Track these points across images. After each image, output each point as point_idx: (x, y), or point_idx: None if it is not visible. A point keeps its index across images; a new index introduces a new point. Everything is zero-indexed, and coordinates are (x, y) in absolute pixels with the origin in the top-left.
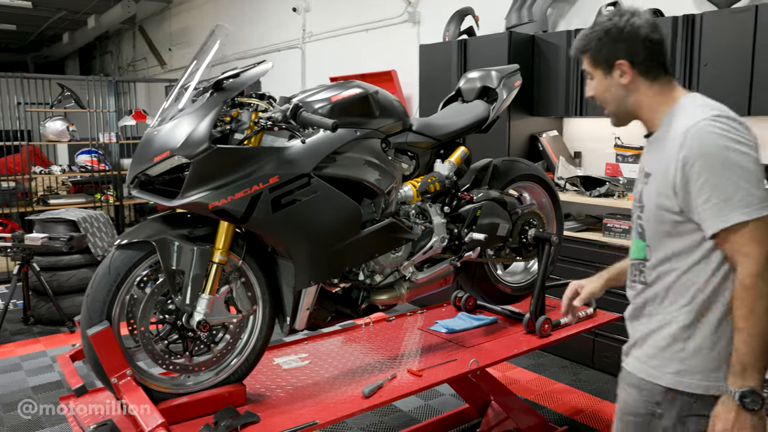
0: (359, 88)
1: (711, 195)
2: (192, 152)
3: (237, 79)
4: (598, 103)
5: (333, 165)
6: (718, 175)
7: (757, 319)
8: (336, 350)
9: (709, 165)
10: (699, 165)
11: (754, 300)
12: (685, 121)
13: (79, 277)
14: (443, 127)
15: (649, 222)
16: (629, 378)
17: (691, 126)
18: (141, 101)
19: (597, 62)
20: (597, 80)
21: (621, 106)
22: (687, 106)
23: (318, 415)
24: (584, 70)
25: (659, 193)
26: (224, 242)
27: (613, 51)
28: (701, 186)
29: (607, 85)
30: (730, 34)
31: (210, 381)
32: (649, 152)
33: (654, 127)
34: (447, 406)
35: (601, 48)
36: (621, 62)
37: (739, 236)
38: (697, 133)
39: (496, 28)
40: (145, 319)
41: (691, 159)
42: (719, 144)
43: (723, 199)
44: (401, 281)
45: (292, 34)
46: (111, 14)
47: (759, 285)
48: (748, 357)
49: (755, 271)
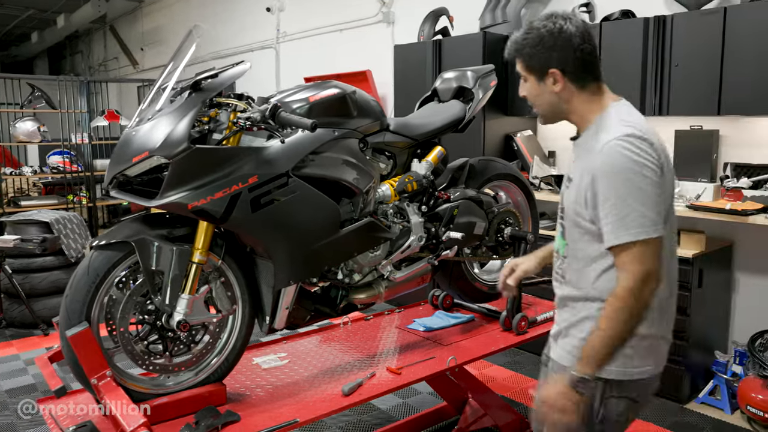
0: (337, 89)
1: (610, 212)
2: (171, 152)
3: (215, 79)
4: (529, 104)
5: (311, 165)
6: (618, 195)
7: (614, 326)
8: (315, 349)
9: (612, 184)
10: (604, 182)
11: (619, 310)
12: (604, 135)
13: (52, 280)
14: (420, 126)
15: (568, 223)
16: (557, 367)
17: (606, 143)
18: (113, 101)
19: (530, 68)
20: (530, 84)
21: (552, 110)
22: (610, 119)
23: (298, 413)
24: (520, 73)
25: (576, 201)
26: (203, 242)
27: (545, 59)
28: (603, 202)
29: (540, 91)
30: (700, 36)
31: (190, 381)
32: (575, 157)
33: (581, 131)
34: (425, 404)
35: (533, 55)
36: (553, 71)
37: (626, 254)
38: (608, 152)
39: (470, 28)
40: (124, 319)
41: (599, 175)
42: (624, 165)
43: (619, 218)
44: (379, 280)
45: (266, 34)
46: (81, 13)
47: (628, 300)
48: (595, 352)
49: (630, 286)
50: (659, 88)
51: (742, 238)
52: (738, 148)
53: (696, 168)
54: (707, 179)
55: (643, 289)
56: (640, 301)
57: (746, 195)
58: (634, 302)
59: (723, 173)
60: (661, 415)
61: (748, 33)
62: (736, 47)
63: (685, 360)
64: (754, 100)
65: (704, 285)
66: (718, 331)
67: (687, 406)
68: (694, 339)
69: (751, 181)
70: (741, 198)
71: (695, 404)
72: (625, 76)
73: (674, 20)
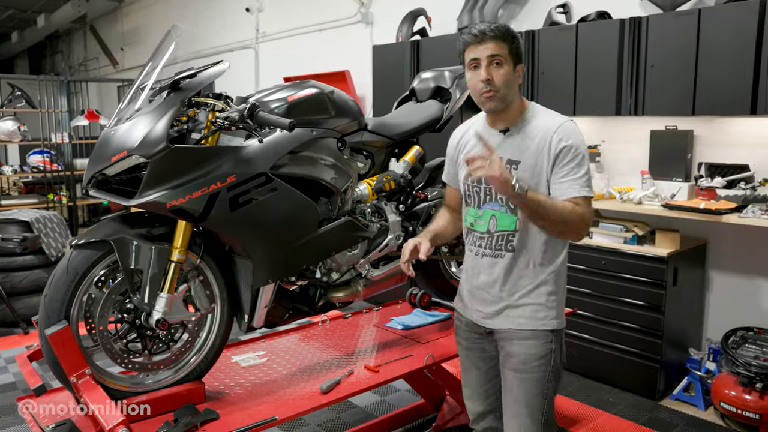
0: (315, 88)
1: (571, 172)
2: (149, 152)
3: (194, 79)
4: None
5: (290, 164)
6: (579, 162)
7: (562, 214)
8: (293, 347)
9: (575, 153)
10: (570, 152)
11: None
12: (549, 120)
13: (33, 279)
14: (398, 126)
15: None
16: (520, 334)
17: (560, 125)
18: (93, 101)
19: (512, 55)
20: (507, 69)
21: (509, 98)
22: (541, 111)
23: (277, 411)
24: (494, 54)
25: (533, 174)
26: (182, 241)
27: (521, 54)
28: (567, 164)
29: (512, 78)
30: (675, 37)
31: (169, 379)
32: (508, 144)
33: (512, 124)
34: (403, 401)
35: (518, 46)
36: (521, 66)
37: (582, 199)
38: (567, 130)
39: (448, 28)
40: (103, 318)
41: (565, 146)
42: (581, 139)
43: (581, 177)
44: (357, 279)
45: (245, 34)
46: (61, 13)
47: (579, 218)
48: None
49: (583, 213)
50: (635, 89)
51: (716, 237)
52: (712, 148)
53: (671, 167)
54: (682, 179)
55: (587, 224)
56: (580, 226)
57: (720, 194)
58: (579, 221)
59: (697, 173)
60: (635, 412)
61: (722, 34)
62: (711, 48)
63: (660, 357)
64: (728, 100)
65: (679, 283)
66: (693, 328)
67: (661, 403)
68: (669, 336)
69: (725, 181)
70: (715, 197)
71: (669, 401)
72: (601, 77)
73: (649, 21)
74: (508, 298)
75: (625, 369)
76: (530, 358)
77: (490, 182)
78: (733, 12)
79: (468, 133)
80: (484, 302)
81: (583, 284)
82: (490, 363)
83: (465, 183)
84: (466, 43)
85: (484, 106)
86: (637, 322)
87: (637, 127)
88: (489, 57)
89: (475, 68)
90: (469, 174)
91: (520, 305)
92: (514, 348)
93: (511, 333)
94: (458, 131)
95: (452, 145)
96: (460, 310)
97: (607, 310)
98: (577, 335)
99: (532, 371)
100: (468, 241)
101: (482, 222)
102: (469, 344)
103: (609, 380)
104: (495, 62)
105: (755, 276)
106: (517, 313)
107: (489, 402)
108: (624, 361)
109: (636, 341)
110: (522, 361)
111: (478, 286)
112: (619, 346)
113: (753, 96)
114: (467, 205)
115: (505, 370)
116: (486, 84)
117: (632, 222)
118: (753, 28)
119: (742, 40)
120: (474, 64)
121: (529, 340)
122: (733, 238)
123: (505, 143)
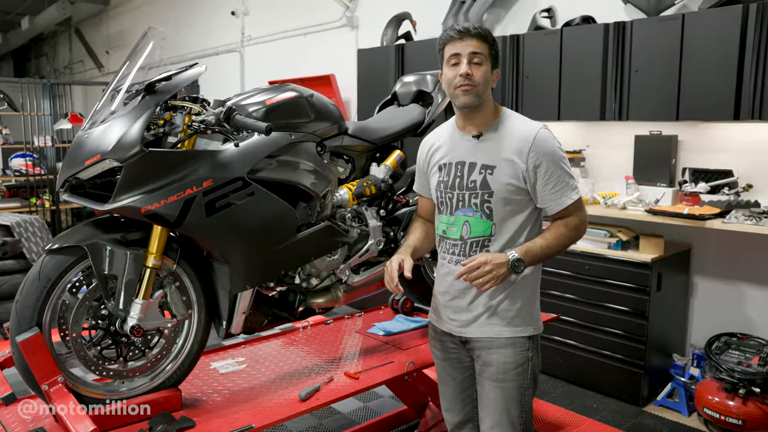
0: (294, 92)
1: (558, 182)
2: (123, 156)
3: (169, 81)
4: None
5: (268, 168)
6: (562, 169)
7: (558, 244)
8: (274, 354)
9: (555, 162)
10: (549, 161)
11: (565, 237)
12: (523, 126)
13: (13, 283)
14: (379, 130)
15: (498, 204)
16: (496, 342)
17: (534, 132)
18: (78, 104)
19: (491, 56)
20: (486, 68)
21: (483, 98)
22: (513, 116)
23: (254, 419)
24: (476, 52)
25: (508, 181)
26: (158, 246)
27: (498, 58)
28: (551, 176)
29: (489, 78)
30: (659, 42)
31: (144, 386)
32: (482, 149)
33: (484, 128)
34: (386, 407)
35: (497, 49)
36: (498, 71)
37: (573, 206)
38: (541, 138)
39: (433, 32)
40: (77, 324)
41: (543, 157)
42: (557, 147)
43: (566, 184)
44: (338, 284)
45: (231, 38)
46: (46, 15)
47: (573, 232)
48: (535, 250)
49: (577, 224)
50: (619, 94)
51: (700, 243)
52: (696, 153)
53: (655, 173)
54: (666, 184)
55: (583, 226)
56: (579, 235)
57: (704, 200)
58: (576, 235)
59: (681, 178)
60: (619, 418)
61: (706, 40)
62: (694, 54)
63: (644, 363)
64: (711, 106)
65: (663, 289)
66: (677, 334)
67: (645, 409)
68: (653, 342)
69: (709, 186)
70: (699, 203)
71: (653, 407)
72: (586, 81)
73: (633, 26)
74: (484, 306)
75: (609, 375)
76: (508, 367)
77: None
78: (716, 18)
79: (438, 141)
80: (459, 311)
81: (567, 290)
82: (465, 373)
83: (437, 190)
84: (448, 39)
85: (458, 100)
86: (621, 327)
87: (621, 132)
88: (471, 54)
89: (454, 65)
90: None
91: (496, 312)
92: (491, 357)
93: (487, 342)
94: (428, 140)
95: (422, 154)
96: (434, 322)
97: (591, 316)
98: (561, 341)
99: (510, 380)
100: (441, 249)
101: (455, 229)
102: (445, 355)
103: (593, 386)
104: (475, 60)
105: (739, 281)
106: (493, 320)
107: (466, 411)
108: (608, 366)
109: (620, 347)
110: (500, 371)
111: (452, 294)
112: (603, 351)
113: (736, 101)
114: (440, 212)
115: (482, 379)
116: (465, 78)
117: (616, 227)
118: (736, 34)
119: (726, 46)
120: (454, 60)
121: (506, 348)
122: (716, 244)
123: (478, 148)
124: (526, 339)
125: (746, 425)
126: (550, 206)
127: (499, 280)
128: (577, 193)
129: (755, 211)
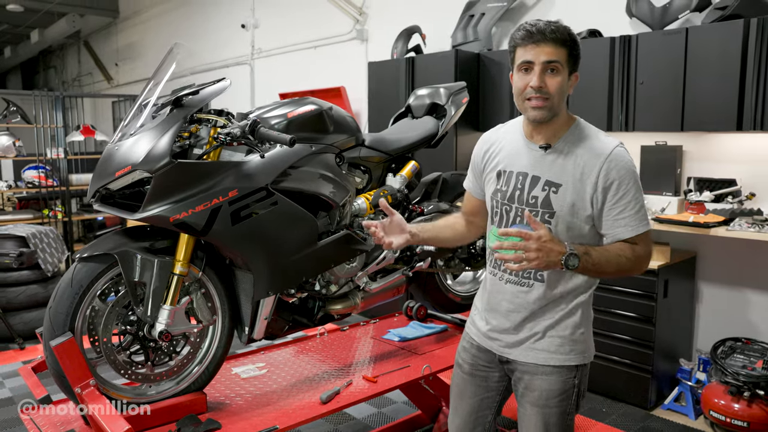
0: (314, 105)
1: (627, 208)
2: (153, 167)
3: (196, 95)
4: (543, 93)
5: (290, 179)
6: (634, 195)
7: (617, 263)
8: (292, 359)
9: (629, 186)
10: (623, 184)
11: (627, 260)
12: (597, 142)
13: (29, 294)
14: (394, 142)
15: (559, 226)
16: (542, 369)
17: (609, 149)
18: (88, 116)
19: (569, 61)
20: (562, 77)
21: (558, 107)
22: (587, 128)
23: (277, 420)
24: (551, 60)
25: (574, 202)
26: (185, 254)
27: (579, 60)
28: (620, 200)
29: (566, 86)
30: (663, 55)
31: (171, 390)
32: (549, 163)
33: (553, 140)
34: (400, 413)
35: (578, 51)
36: (577, 74)
37: (640, 237)
38: (616, 156)
39: (442, 46)
40: (107, 330)
41: (616, 178)
42: (633, 170)
43: (637, 212)
44: (355, 291)
45: (241, 50)
46: (55, 29)
47: (636, 261)
48: (594, 256)
49: (642, 255)
50: (625, 105)
51: (705, 250)
52: (701, 163)
53: (661, 182)
54: (672, 193)
55: (647, 261)
56: (640, 267)
57: (708, 208)
58: (637, 266)
59: (687, 187)
60: (628, 422)
61: (709, 53)
62: (698, 66)
63: (652, 368)
64: (715, 117)
65: (669, 295)
66: (683, 339)
67: (653, 413)
68: (660, 347)
69: (713, 195)
70: (704, 211)
71: (661, 410)
72: (593, 93)
73: (639, 40)
74: (531, 330)
75: (618, 380)
76: (552, 394)
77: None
78: (718, 32)
79: (499, 143)
80: (505, 332)
81: None
82: (487, 393)
83: (493, 199)
84: (519, 42)
85: (527, 113)
86: (629, 333)
87: (627, 143)
88: (544, 63)
89: (525, 71)
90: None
91: (544, 338)
92: (535, 383)
93: (531, 367)
94: (488, 138)
95: (479, 152)
96: (472, 334)
97: (600, 322)
98: None
99: (553, 406)
100: (490, 263)
101: None
102: (472, 370)
103: (602, 391)
104: (551, 68)
105: (743, 288)
106: (540, 345)
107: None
108: (616, 371)
109: (628, 352)
110: (542, 397)
111: (499, 312)
112: (611, 357)
113: (738, 113)
114: (492, 222)
115: (524, 401)
116: (536, 91)
117: None
118: (738, 48)
119: (728, 59)
120: (525, 66)
121: (552, 376)
122: (721, 251)
123: (545, 161)
124: (573, 367)
125: (751, 427)
126: (615, 233)
127: (542, 265)
128: (648, 225)
129: (758, 218)
